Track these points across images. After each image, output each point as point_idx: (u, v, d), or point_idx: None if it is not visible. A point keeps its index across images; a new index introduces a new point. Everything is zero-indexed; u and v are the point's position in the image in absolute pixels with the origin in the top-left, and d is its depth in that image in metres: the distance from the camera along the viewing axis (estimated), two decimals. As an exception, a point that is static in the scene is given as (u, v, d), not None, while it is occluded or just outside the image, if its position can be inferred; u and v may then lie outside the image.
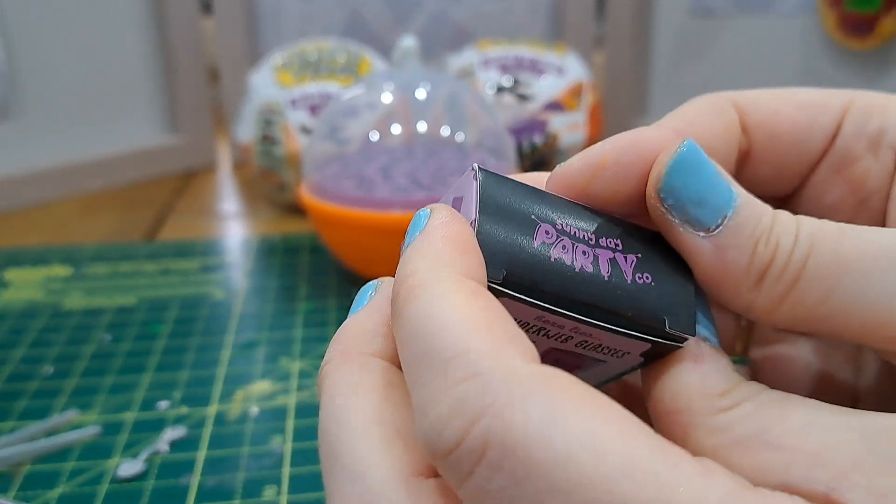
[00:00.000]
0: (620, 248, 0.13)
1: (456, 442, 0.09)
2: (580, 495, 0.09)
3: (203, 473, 0.30)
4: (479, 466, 0.09)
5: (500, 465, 0.09)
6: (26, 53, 0.64)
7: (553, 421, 0.09)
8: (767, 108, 0.15)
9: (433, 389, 0.10)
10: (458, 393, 0.09)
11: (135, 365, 0.38)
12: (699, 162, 0.12)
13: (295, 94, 0.56)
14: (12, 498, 0.29)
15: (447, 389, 0.10)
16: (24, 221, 0.61)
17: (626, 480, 0.09)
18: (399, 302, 0.11)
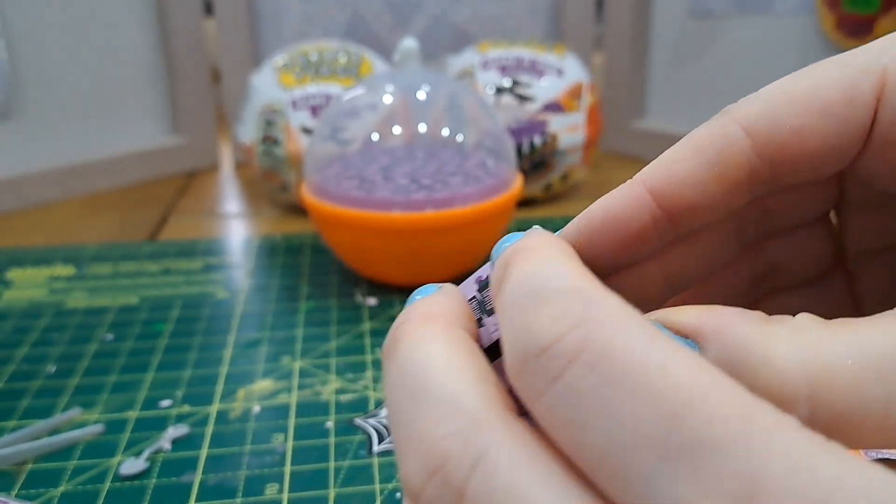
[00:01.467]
0: None
1: (555, 338, 0.10)
2: (676, 399, 0.09)
3: (205, 471, 0.30)
4: (574, 365, 0.09)
5: (596, 365, 0.09)
6: (29, 54, 0.64)
7: (651, 336, 0.09)
8: (788, 128, 0.13)
9: (535, 307, 0.10)
10: (560, 305, 0.10)
11: (137, 364, 0.38)
12: None
13: (296, 95, 0.57)
14: (15, 496, 0.29)
15: (548, 303, 0.10)
16: (27, 221, 0.61)
17: (717, 392, 0.09)
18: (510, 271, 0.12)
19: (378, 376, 0.37)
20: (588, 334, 0.09)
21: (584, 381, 0.09)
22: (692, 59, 0.72)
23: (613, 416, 0.09)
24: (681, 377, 0.09)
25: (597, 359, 0.09)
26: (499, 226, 0.45)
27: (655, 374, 0.09)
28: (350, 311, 0.43)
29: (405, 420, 0.11)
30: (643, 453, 0.09)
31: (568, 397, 0.09)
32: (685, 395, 0.09)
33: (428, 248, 0.42)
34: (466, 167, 0.45)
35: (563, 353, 0.09)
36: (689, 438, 0.09)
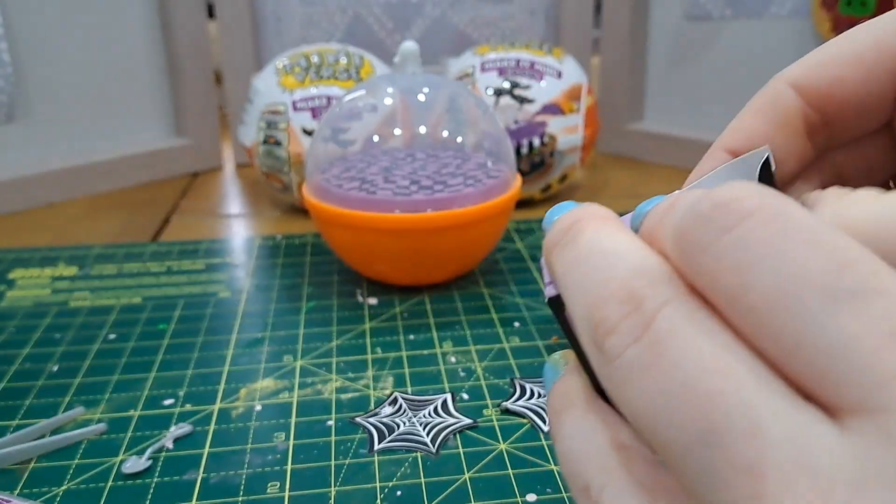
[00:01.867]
0: None
1: (734, 197, 0.11)
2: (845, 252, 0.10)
3: (207, 470, 0.30)
4: (749, 219, 0.10)
5: (771, 221, 0.10)
6: (33, 57, 0.65)
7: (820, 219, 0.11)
8: (827, 79, 0.15)
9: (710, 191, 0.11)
10: (737, 185, 0.11)
11: (140, 363, 0.38)
12: None
13: (297, 97, 0.57)
14: (18, 494, 0.29)
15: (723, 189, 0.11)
16: (31, 222, 0.61)
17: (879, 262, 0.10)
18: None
19: (377, 375, 0.37)
20: (765, 200, 0.11)
21: (757, 231, 0.10)
22: (689, 62, 0.72)
23: (786, 259, 0.10)
24: (849, 242, 0.10)
25: (773, 216, 0.10)
26: (498, 226, 0.45)
27: (826, 234, 0.10)
28: (351, 311, 0.44)
29: (597, 280, 0.12)
30: (812, 294, 0.10)
31: (739, 245, 0.10)
32: (854, 253, 0.10)
33: (428, 248, 0.43)
34: (466, 168, 0.45)
35: (741, 209, 0.10)
36: (858, 283, 0.09)
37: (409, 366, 0.38)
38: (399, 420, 0.33)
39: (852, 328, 0.09)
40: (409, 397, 0.35)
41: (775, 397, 0.10)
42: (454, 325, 0.42)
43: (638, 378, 0.11)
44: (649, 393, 0.10)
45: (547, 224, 0.14)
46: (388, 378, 0.37)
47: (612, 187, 0.68)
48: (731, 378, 0.10)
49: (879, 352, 0.09)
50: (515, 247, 0.53)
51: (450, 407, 0.34)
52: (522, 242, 0.54)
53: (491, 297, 0.45)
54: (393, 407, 0.34)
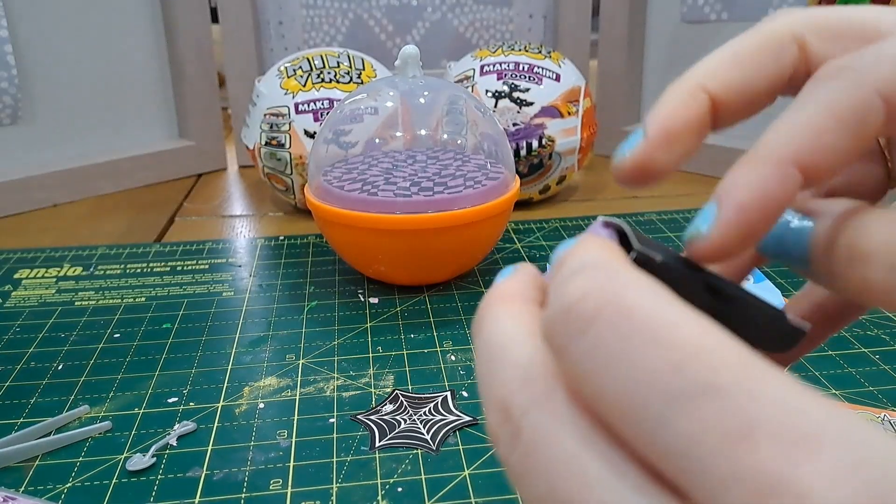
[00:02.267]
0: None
1: (579, 298, 0.11)
2: (683, 350, 0.10)
3: (211, 467, 0.31)
4: (595, 322, 0.11)
5: (614, 322, 0.10)
6: (38, 60, 0.65)
7: (666, 301, 0.11)
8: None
9: (569, 276, 0.12)
10: (588, 273, 0.11)
11: (144, 362, 0.39)
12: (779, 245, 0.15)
13: (300, 100, 0.58)
14: (23, 492, 0.30)
15: (578, 272, 0.11)
16: (36, 223, 0.62)
17: (720, 347, 0.10)
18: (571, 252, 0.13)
19: (378, 374, 0.37)
20: (608, 297, 0.11)
21: (604, 335, 0.10)
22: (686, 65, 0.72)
23: (629, 364, 0.10)
24: (690, 334, 0.10)
25: (615, 317, 0.10)
26: (497, 226, 0.46)
27: (667, 330, 0.10)
28: (352, 310, 0.44)
29: (485, 382, 0.12)
30: (654, 396, 0.10)
31: (591, 350, 0.10)
32: (692, 348, 0.10)
33: (429, 248, 0.43)
34: (466, 170, 0.45)
35: (587, 311, 0.11)
36: (694, 383, 0.09)
37: (409, 364, 0.38)
38: (400, 418, 0.34)
39: (692, 430, 0.09)
40: (409, 395, 0.35)
41: (632, 494, 0.10)
42: (454, 324, 0.42)
43: (519, 486, 0.11)
44: (528, 499, 0.11)
45: None
46: (388, 376, 0.37)
47: (609, 189, 0.68)
48: (587, 480, 0.10)
49: (716, 455, 0.09)
50: (514, 247, 0.53)
51: (450, 405, 0.35)
52: (521, 243, 0.54)
53: (491, 298, 0.46)
54: (394, 405, 0.35)
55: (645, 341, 0.10)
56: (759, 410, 0.09)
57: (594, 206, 0.64)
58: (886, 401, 0.35)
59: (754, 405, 0.09)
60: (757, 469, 0.09)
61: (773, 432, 0.09)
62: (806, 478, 0.09)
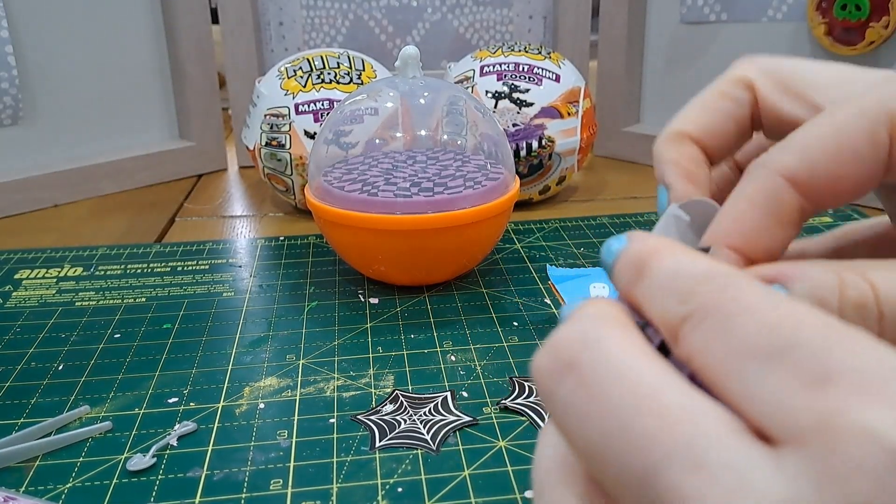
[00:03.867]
0: None
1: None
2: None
3: (211, 467, 0.31)
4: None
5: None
6: (38, 60, 0.65)
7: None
8: (826, 176, 0.15)
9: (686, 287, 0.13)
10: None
11: (145, 362, 0.39)
12: None
13: (300, 101, 0.58)
14: (23, 492, 0.30)
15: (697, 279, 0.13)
16: (37, 223, 0.62)
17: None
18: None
19: (378, 374, 0.38)
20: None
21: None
22: (685, 66, 0.73)
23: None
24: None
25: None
26: (497, 227, 0.46)
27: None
28: (353, 311, 0.44)
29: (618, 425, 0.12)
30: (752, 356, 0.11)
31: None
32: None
33: (429, 248, 0.43)
34: (466, 170, 0.45)
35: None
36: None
37: (409, 364, 0.38)
38: (400, 418, 0.34)
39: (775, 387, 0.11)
40: (409, 395, 0.35)
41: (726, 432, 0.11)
42: (454, 324, 0.42)
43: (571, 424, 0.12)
44: (583, 437, 0.12)
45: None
46: (389, 376, 0.37)
47: (609, 189, 0.68)
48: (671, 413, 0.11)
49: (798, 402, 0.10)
50: (514, 247, 0.54)
51: (450, 405, 0.35)
52: (521, 243, 0.54)
53: (490, 297, 0.46)
54: (394, 405, 0.35)
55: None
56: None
57: (594, 206, 0.64)
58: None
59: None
60: (832, 410, 0.10)
61: (845, 379, 0.10)
62: (872, 416, 0.10)
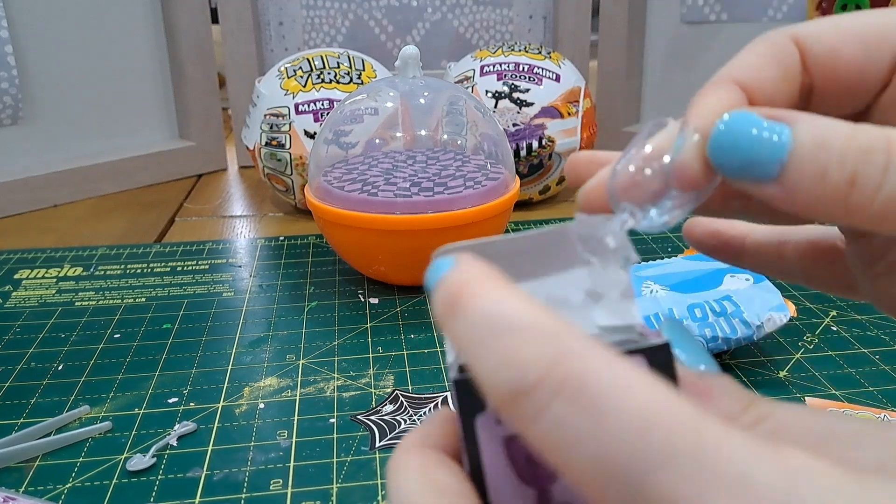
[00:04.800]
0: None
1: (540, 377, 0.11)
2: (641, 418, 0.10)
3: (211, 467, 0.31)
4: (557, 399, 0.11)
5: (575, 397, 0.11)
6: (39, 61, 0.65)
7: (615, 363, 0.11)
8: (827, 46, 0.15)
9: (513, 346, 0.11)
10: (538, 345, 0.11)
11: (145, 362, 0.39)
12: (736, 133, 0.13)
13: (300, 101, 0.58)
14: (24, 492, 0.30)
15: (528, 343, 0.11)
16: (37, 223, 0.62)
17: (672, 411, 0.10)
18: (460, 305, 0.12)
19: (378, 374, 0.37)
20: (566, 371, 0.11)
21: (567, 411, 0.11)
22: (685, 66, 0.73)
23: (596, 436, 0.10)
24: (643, 399, 0.10)
25: (575, 392, 0.11)
26: (497, 227, 0.46)
27: (623, 398, 0.10)
28: (353, 311, 0.44)
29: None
30: (622, 466, 0.10)
31: (556, 425, 0.11)
32: (649, 415, 0.10)
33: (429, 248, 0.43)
34: (466, 170, 0.45)
35: (548, 388, 0.11)
36: (655, 450, 0.10)
37: (409, 364, 0.38)
38: (400, 418, 0.34)
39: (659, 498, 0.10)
40: (409, 395, 0.35)
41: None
42: (454, 325, 0.42)
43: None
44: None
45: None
46: (388, 376, 0.37)
47: (611, 189, 0.68)
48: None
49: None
50: (515, 248, 0.54)
51: (450, 405, 0.35)
52: (522, 244, 0.54)
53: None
54: (394, 405, 0.35)
55: (607, 413, 0.10)
56: (712, 474, 0.10)
57: (594, 206, 0.64)
58: (886, 401, 0.35)
59: (708, 469, 0.10)
60: None
61: (725, 497, 0.10)
62: None
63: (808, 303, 0.44)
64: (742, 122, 0.13)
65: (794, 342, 0.40)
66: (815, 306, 0.44)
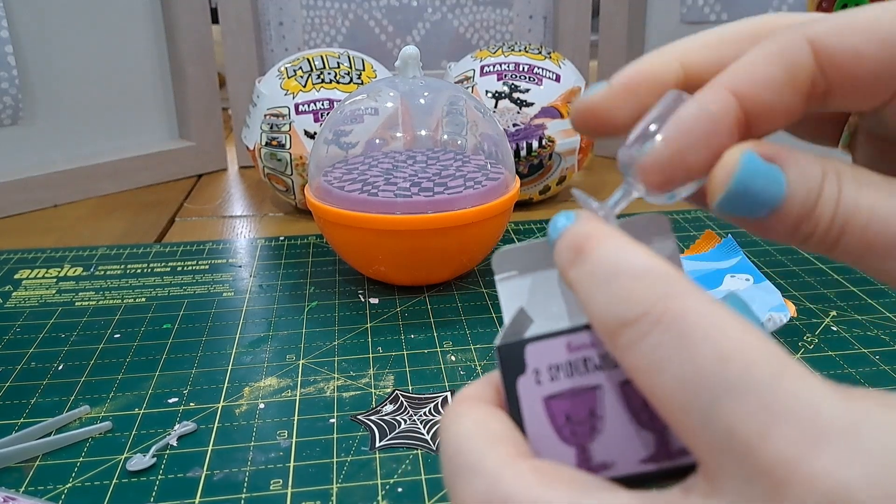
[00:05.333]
0: None
1: (645, 310, 0.13)
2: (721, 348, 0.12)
3: (211, 467, 0.31)
4: (658, 327, 0.12)
5: (671, 327, 0.12)
6: (38, 61, 0.65)
7: (714, 305, 0.12)
8: (849, 46, 0.14)
9: (627, 286, 0.13)
10: (648, 285, 0.13)
11: (145, 362, 0.39)
12: (748, 189, 0.14)
13: (300, 101, 0.58)
14: (24, 492, 0.30)
15: (640, 283, 0.13)
16: (37, 223, 0.62)
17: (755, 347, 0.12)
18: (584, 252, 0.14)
19: (378, 374, 0.37)
20: (668, 305, 0.12)
21: (662, 339, 0.12)
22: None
23: (684, 361, 0.12)
24: (734, 336, 0.12)
25: (672, 322, 0.12)
26: (497, 227, 0.46)
27: (713, 332, 0.12)
28: (352, 311, 0.44)
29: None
30: (702, 389, 0.11)
31: (651, 349, 0.12)
32: (733, 348, 0.12)
33: (429, 248, 0.43)
34: (466, 170, 0.45)
35: (650, 318, 0.12)
36: (733, 379, 0.11)
37: (409, 364, 0.38)
38: (400, 418, 0.34)
39: (731, 423, 0.11)
40: (409, 395, 0.35)
41: None
42: (454, 324, 0.42)
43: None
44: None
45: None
46: (388, 376, 0.37)
47: (609, 189, 0.68)
48: None
49: (747, 446, 0.11)
50: (515, 248, 0.54)
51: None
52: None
53: (490, 297, 0.46)
54: (394, 405, 0.35)
55: (697, 342, 0.12)
56: (781, 406, 0.11)
57: (594, 206, 0.64)
58: (886, 401, 0.35)
59: (778, 403, 0.11)
60: (777, 459, 0.11)
61: (790, 427, 0.11)
62: (815, 465, 0.10)
63: (808, 303, 0.44)
64: (749, 177, 0.14)
65: (794, 342, 0.40)
66: (815, 306, 0.44)
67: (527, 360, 0.15)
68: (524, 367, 0.15)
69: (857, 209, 0.13)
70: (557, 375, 0.15)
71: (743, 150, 0.14)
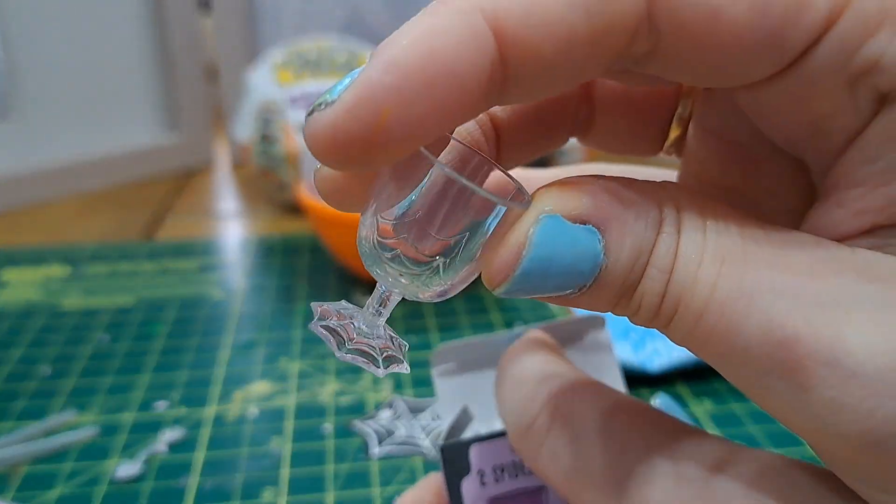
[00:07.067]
0: None
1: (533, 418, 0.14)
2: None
3: (201, 475, 0.30)
4: (550, 433, 0.13)
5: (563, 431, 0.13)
6: (25, 54, 0.64)
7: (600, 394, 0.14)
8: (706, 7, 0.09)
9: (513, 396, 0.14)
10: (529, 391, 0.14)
11: (133, 365, 0.38)
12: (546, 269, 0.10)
13: (294, 93, 0.56)
14: (10, 499, 0.29)
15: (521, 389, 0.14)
16: (23, 220, 0.61)
17: None
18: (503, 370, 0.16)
19: (376, 379, 0.37)
20: (555, 409, 0.13)
21: (557, 444, 0.13)
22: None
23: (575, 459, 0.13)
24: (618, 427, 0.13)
25: (563, 425, 0.13)
26: (498, 226, 0.45)
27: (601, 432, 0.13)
28: (348, 312, 0.43)
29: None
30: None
31: (553, 454, 0.13)
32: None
33: (426, 248, 0.42)
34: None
35: (542, 426, 0.13)
36: None
37: (407, 368, 0.37)
38: (398, 424, 0.33)
39: None
40: (407, 401, 0.35)
41: None
42: (454, 326, 0.41)
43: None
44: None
45: None
46: (386, 381, 0.36)
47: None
48: None
49: None
50: (514, 246, 0.53)
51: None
52: (521, 241, 0.54)
53: (490, 298, 0.45)
54: (392, 411, 0.34)
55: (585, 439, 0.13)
56: None
57: (594, 202, 0.63)
58: None
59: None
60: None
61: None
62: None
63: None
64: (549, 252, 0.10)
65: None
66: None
67: (472, 460, 0.15)
68: (469, 467, 0.15)
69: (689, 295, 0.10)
70: (502, 476, 0.15)
71: (541, 212, 0.10)
